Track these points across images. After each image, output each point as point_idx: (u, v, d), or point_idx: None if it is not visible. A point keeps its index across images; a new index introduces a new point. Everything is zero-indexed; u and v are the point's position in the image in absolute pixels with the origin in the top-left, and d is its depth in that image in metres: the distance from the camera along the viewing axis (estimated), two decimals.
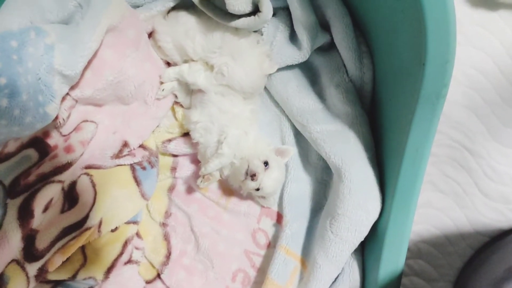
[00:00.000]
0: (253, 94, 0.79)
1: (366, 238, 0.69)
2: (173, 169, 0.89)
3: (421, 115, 0.57)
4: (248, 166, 0.71)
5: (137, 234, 0.84)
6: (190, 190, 0.89)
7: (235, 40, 0.75)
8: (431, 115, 0.56)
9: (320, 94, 0.78)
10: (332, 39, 0.76)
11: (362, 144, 0.70)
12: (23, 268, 0.64)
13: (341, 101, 0.73)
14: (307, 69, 0.80)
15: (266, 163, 0.73)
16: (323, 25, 0.75)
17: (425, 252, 0.87)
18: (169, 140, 0.86)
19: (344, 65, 0.76)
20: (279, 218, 0.85)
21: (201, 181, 0.77)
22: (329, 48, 0.79)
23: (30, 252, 0.65)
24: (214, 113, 0.77)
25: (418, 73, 0.54)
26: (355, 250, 0.72)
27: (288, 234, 0.78)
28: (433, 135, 0.59)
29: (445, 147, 0.82)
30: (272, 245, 0.85)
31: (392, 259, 0.66)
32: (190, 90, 0.83)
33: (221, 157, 0.74)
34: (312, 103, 0.76)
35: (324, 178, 0.82)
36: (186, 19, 0.76)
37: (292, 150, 0.79)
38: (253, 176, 0.71)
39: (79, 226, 0.71)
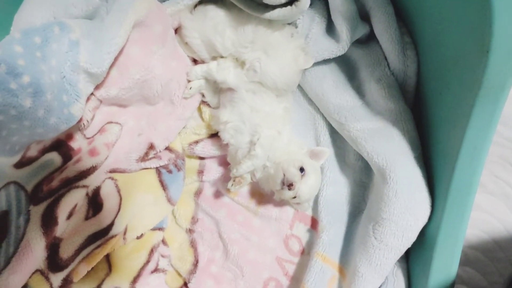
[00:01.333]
0: (287, 91, 0.76)
1: (412, 244, 0.65)
2: (200, 172, 0.86)
3: (481, 109, 0.52)
4: (284, 175, 0.68)
5: (163, 241, 0.82)
6: (218, 194, 0.86)
7: (268, 33, 0.71)
8: (493, 108, 0.51)
9: (359, 90, 0.74)
10: (371, 30, 0.73)
11: (408, 142, 0.66)
12: (47, 279, 0.63)
13: (382, 96, 0.69)
14: (344, 63, 0.77)
15: (301, 169, 0.69)
16: (362, 15, 0.72)
17: (473, 258, 0.82)
18: (196, 142, 0.84)
19: (386, 58, 0.72)
20: (314, 223, 0.82)
21: (232, 185, 0.73)
22: (368, 40, 0.76)
23: (54, 262, 0.64)
24: (245, 112, 0.74)
25: (480, 62, 0.49)
26: (400, 258, 0.68)
27: (325, 241, 0.74)
28: (493, 131, 0.54)
29: (495, 145, 0.77)
30: (306, 252, 0.82)
31: (443, 268, 0.62)
32: (218, 89, 0.80)
33: (253, 158, 0.70)
34: (350, 100, 0.73)
35: (363, 180, 0.78)
36: (214, 13, 0.73)
37: (328, 151, 0.74)
38: (290, 186, 0.67)
39: (104, 233, 0.70)
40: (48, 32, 0.58)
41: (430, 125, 0.67)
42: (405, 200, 0.63)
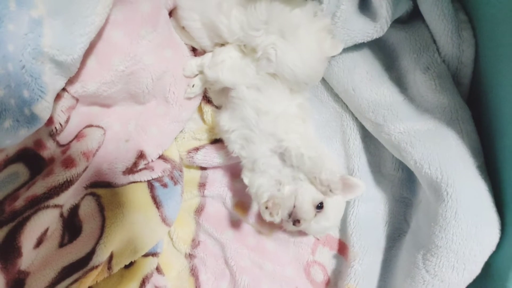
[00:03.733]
0: (308, 85, 0.68)
1: (475, 278, 0.57)
2: (202, 185, 0.82)
3: None
4: (294, 207, 0.62)
5: (158, 269, 0.77)
6: (223, 212, 0.82)
7: (286, 11, 0.63)
8: None
9: (400, 82, 0.68)
10: (415, 6, 0.66)
11: (468, 148, 0.59)
12: None
13: (432, 89, 0.62)
14: (380, 50, 0.70)
15: (320, 205, 0.64)
16: None
17: None
18: (196, 149, 0.79)
19: (435, 42, 0.65)
20: (342, 248, 0.76)
21: (268, 213, 0.62)
22: (411, 19, 0.69)
23: None
24: (249, 116, 0.66)
25: None
26: None
27: (357, 271, 0.68)
28: None
29: None
30: (332, 283, 0.76)
31: None
32: None
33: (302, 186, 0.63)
34: (389, 94, 0.66)
35: (404, 195, 0.71)
36: None
37: (363, 187, 0.66)
38: (296, 222, 0.63)
39: (83, 264, 0.63)
40: (2, 8, 0.50)
41: (492, 126, 0.60)
42: (468, 223, 0.55)
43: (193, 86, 0.73)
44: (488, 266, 0.56)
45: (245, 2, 0.65)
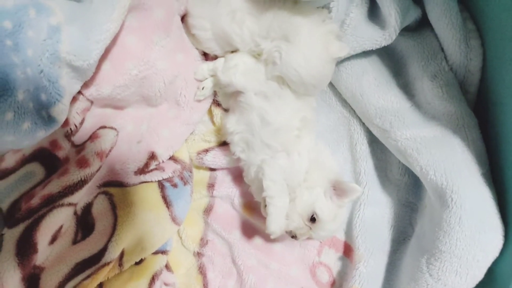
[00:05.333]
0: (316, 89, 0.67)
1: (478, 283, 0.57)
2: (211, 186, 0.81)
3: None
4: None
5: (167, 267, 0.77)
6: (231, 212, 0.81)
7: (290, 17, 0.63)
8: None
9: (407, 89, 0.68)
10: (424, 14, 0.66)
11: (473, 155, 0.59)
12: None
13: (439, 97, 0.62)
14: (389, 57, 0.71)
15: (313, 218, 0.63)
16: None
17: None
18: (206, 151, 0.79)
19: (443, 50, 0.65)
20: (348, 250, 0.75)
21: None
22: (419, 27, 0.69)
23: None
24: (254, 121, 0.67)
25: None
26: None
27: (362, 273, 0.68)
28: None
29: None
30: (337, 285, 0.76)
31: None
32: None
33: (272, 203, 0.62)
34: (396, 101, 0.66)
35: (409, 200, 0.71)
36: None
37: (359, 191, 0.64)
38: (293, 237, 0.64)
39: (95, 261, 0.64)
40: (22, 15, 0.51)
41: (498, 134, 0.59)
42: (472, 229, 0.55)
43: (202, 88, 0.73)
44: (491, 272, 0.56)
45: (257, 12, 0.65)
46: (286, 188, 0.64)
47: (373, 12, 0.66)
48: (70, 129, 0.63)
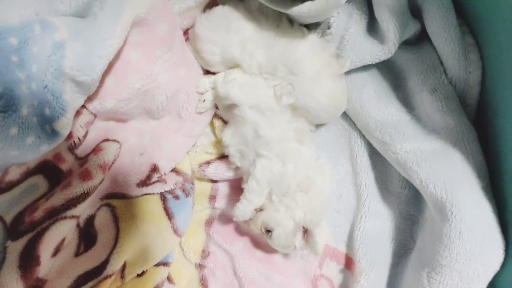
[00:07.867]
0: (335, 115, 0.71)
1: None
2: (212, 197, 0.81)
3: None
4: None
5: (168, 278, 0.76)
6: (232, 224, 0.81)
7: (288, 52, 0.66)
8: None
9: (407, 102, 0.68)
10: (423, 28, 0.66)
11: (473, 168, 0.58)
12: None
13: (438, 110, 0.62)
14: (389, 70, 0.70)
15: (268, 232, 0.67)
16: (411, 10, 0.65)
17: None
18: (208, 163, 0.79)
19: (442, 63, 0.65)
20: (349, 263, 0.75)
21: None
22: (418, 41, 0.69)
23: None
24: (248, 134, 0.68)
25: None
26: None
27: (364, 286, 0.67)
28: None
29: None
30: None
31: None
32: None
33: (247, 195, 0.66)
34: (396, 114, 0.67)
35: (410, 213, 0.70)
36: (240, 24, 0.67)
37: (318, 254, 0.70)
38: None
39: (97, 273, 0.63)
40: (27, 31, 0.52)
41: (498, 148, 0.59)
42: (472, 243, 0.54)
43: (204, 101, 0.74)
44: (492, 286, 0.56)
45: (267, 44, 0.66)
46: (266, 192, 0.67)
47: (372, 27, 0.66)
48: (74, 142, 0.63)
